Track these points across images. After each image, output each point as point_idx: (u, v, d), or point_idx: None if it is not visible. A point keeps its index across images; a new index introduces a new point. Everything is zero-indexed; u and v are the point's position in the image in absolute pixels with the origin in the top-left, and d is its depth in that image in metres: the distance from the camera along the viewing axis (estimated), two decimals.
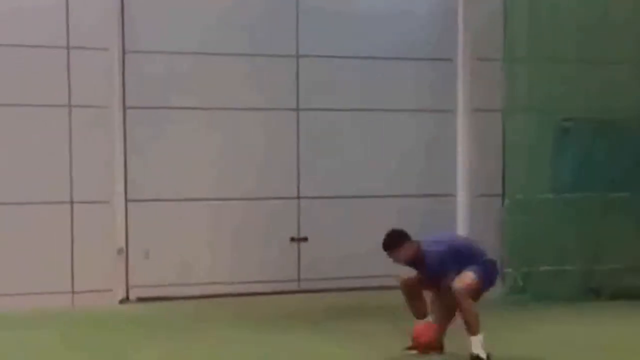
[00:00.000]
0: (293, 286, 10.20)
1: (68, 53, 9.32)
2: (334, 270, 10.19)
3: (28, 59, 9.20)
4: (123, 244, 9.64)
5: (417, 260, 6.87)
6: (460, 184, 10.64)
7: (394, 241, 6.88)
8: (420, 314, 7.14)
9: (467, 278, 6.78)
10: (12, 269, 9.10)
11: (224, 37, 10.00)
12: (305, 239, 10.25)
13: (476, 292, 6.86)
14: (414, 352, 7.08)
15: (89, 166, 9.41)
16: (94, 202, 9.43)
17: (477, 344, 6.76)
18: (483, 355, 6.72)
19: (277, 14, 10.20)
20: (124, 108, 9.62)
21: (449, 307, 6.85)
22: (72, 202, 9.39)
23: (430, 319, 7.05)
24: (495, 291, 9.95)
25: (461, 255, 6.91)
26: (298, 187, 10.25)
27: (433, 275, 6.84)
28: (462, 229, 10.57)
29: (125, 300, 9.67)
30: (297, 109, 10.23)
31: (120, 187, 9.61)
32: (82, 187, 9.40)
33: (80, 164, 9.39)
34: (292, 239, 10.21)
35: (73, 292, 9.39)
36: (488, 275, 6.98)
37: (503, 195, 10.34)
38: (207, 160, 9.93)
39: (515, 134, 10.25)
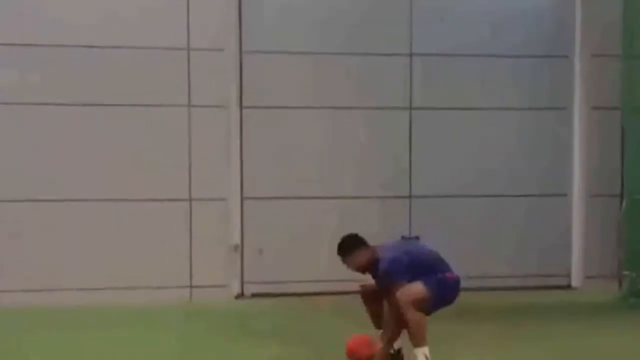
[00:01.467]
0: None
1: (188, 54, 9.54)
2: None
3: (151, 61, 9.46)
4: (238, 241, 9.86)
5: (371, 267, 6.71)
6: (576, 183, 10.42)
7: (347, 247, 6.76)
8: (378, 325, 6.95)
9: (413, 287, 6.49)
10: (133, 264, 9.43)
11: (337, 36, 10.05)
12: (417, 238, 10.24)
13: (423, 304, 6.48)
14: None
15: (207, 164, 9.62)
16: (211, 199, 9.64)
17: (420, 357, 6.47)
18: None
19: (391, 12, 10.17)
20: (241, 107, 9.81)
21: (399, 316, 6.54)
22: (190, 200, 9.62)
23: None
24: (612, 294, 9.86)
25: (417, 266, 6.59)
26: (410, 186, 10.26)
27: (385, 283, 6.62)
28: (577, 229, 10.40)
29: (241, 295, 9.89)
30: (410, 108, 10.25)
31: (236, 185, 9.80)
32: (200, 184, 9.61)
33: (198, 163, 9.61)
34: (403, 238, 10.21)
35: (191, 287, 9.63)
36: (441, 291, 6.57)
37: (621, 195, 10.09)
38: (320, 159, 10.00)
39: (634, 132, 9.92)
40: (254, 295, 9.88)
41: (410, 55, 10.15)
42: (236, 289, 9.84)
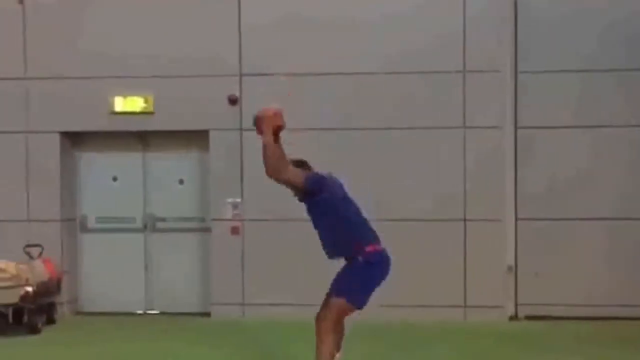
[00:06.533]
0: None
1: (464, 77, 9.65)
2: None
3: (428, 84, 9.67)
4: (513, 262, 9.79)
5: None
6: None
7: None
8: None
9: (334, 308, 6.08)
10: (409, 282, 9.58)
11: (612, 51, 9.72)
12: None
13: (347, 313, 6.13)
14: None
15: (481, 185, 9.65)
16: (485, 220, 9.64)
17: None
18: None
19: None
20: (516, 128, 9.77)
21: None
22: (465, 220, 9.69)
23: None
24: None
25: (334, 206, 6.20)
26: None
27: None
28: None
29: (515, 317, 9.81)
30: None
31: (511, 206, 9.76)
32: (474, 205, 9.66)
33: (472, 183, 9.67)
34: None
35: (465, 307, 9.71)
36: (366, 276, 6.10)
37: None
38: (602, 180, 9.70)
39: None
40: (528, 318, 9.77)
41: None
42: (510, 311, 9.79)
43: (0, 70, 10.12)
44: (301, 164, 6.48)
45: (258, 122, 6.32)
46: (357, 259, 6.15)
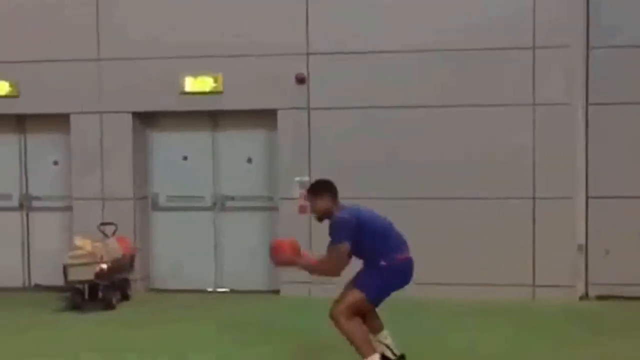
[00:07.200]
0: None
1: (533, 53, 9.48)
2: None
3: (497, 61, 9.55)
4: (583, 241, 9.66)
5: (326, 217, 6.50)
6: None
7: (318, 189, 6.59)
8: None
9: (348, 298, 6.32)
10: (477, 260, 9.61)
11: None
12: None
13: (360, 305, 6.32)
14: None
15: (551, 162, 9.50)
16: (555, 198, 9.51)
17: None
18: None
19: None
20: (587, 104, 9.61)
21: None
22: (534, 198, 9.57)
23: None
24: None
25: (361, 237, 6.35)
26: None
27: (329, 235, 6.44)
28: None
29: (585, 297, 9.69)
30: None
31: (581, 184, 9.63)
32: (544, 183, 9.54)
33: (542, 161, 9.53)
34: None
35: (534, 286, 9.60)
36: (384, 280, 6.32)
37: None
38: None
39: None
40: (599, 297, 9.64)
41: None
42: (580, 290, 9.67)
43: (74, 51, 10.35)
44: (329, 188, 6.60)
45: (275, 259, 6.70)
46: (380, 262, 6.36)
